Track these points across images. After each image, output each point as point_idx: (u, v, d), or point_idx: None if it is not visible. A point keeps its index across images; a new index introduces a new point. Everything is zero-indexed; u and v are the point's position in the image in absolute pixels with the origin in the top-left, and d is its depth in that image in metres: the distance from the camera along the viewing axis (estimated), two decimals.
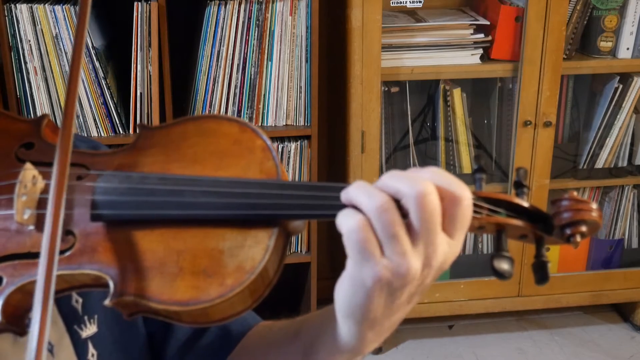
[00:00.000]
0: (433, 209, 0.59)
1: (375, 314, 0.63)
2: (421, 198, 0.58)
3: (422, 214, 0.58)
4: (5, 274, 0.65)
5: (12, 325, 0.64)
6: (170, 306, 0.62)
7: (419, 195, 0.58)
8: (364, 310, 0.63)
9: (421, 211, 0.58)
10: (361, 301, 0.62)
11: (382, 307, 0.63)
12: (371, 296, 0.61)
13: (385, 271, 0.59)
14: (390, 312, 0.64)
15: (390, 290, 0.61)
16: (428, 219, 0.59)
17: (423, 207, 0.58)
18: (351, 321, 0.65)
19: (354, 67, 2.19)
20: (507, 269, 0.62)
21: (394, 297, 0.62)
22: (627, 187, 2.57)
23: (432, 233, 0.59)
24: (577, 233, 0.64)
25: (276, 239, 0.64)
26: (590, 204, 0.65)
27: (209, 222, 0.64)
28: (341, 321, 0.66)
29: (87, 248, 0.65)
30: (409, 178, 0.59)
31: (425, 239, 0.59)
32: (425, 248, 0.60)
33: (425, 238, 0.59)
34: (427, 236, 0.59)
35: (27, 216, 0.66)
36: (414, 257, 0.59)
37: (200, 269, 0.63)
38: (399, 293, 0.62)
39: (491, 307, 2.56)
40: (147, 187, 0.67)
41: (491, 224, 0.65)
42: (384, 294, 0.61)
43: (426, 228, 0.59)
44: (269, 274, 0.64)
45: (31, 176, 0.67)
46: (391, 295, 0.62)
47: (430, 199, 0.58)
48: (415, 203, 0.58)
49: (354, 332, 0.66)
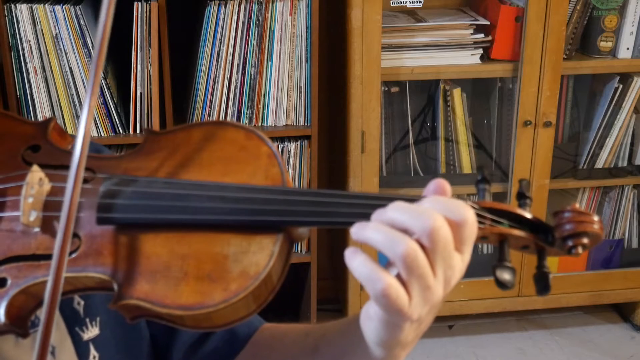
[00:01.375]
0: (446, 240, 0.60)
1: (407, 340, 0.66)
2: (433, 233, 0.59)
3: (438, 247, 0.60)
4: (10, 275, 0.65)
5: (15, 326, 0.64)
6: (174, 310, 0.62)
7: (430, 231, 0.59)
8: (397, 340, 0.65)
9: (436, 245, 0.60)
10: (393, 335, 0.64)
11: (413, 332, 0.65)
12: (403, 330, 0.64)
13: (416, 312, 0.61)
14: (419, 331, 0.66)
15: (420, 320, 0.63)
16: (444, 250, 0.60)
17: (437, 241, 0.59)
18: (384, 348, 0.67)
19: (354, 67, 2.19)
20: (509, 279, 0.63)
21: (423, 321, 0.65)
22: (627, 187, 2.57)
23: (449, 259, 0.61)
24: (578, 245, 0.65)
25: (281, 245, 0.64)
26: (592, 216, 0.66)
27: (214, 227, 0.64)
28: (373, 348, 0.68)
29: (92, 251, 0.65)
30: (417, 214, 0.60)
31: (444, 266, 0.61)
32: (444, 273, 0.61)
33: (443, 266, 0.61)
34: (444, 263, 0.61)
35: (32, 218, 0.66)
36: (438, 286, 0.61)
37: (205, 274, 0.63)
38: (426, 318, 0.64)
39: (491, 307, 2.56)
40: (153, 191, 0.67)
41: (494, 234, 0.65)
42: (415, 324, 0.64)
43: (443, 257, 0.61)
44: (273, 280, 0.64)
45: (38, 178, 0.67)
46: (421, 322, 0.64)
47: (442, 233, 0.59)
48: (430, 240, 0.59)
49: (387, 354, 0.68)
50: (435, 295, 0.61)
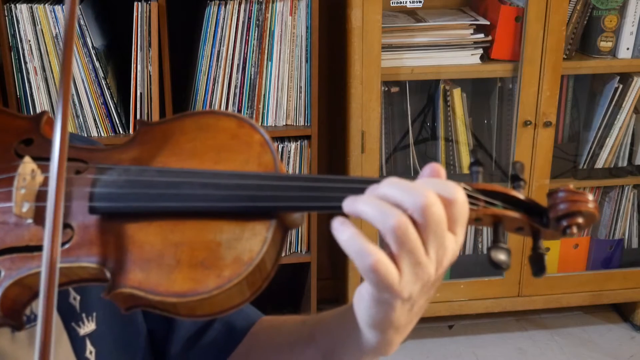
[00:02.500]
0: (439, 217, 0.59)
1: (400, 321, 0.65)
2: (427, 209, 0.59)
3: (430, 224, 0.59)
4: (4, 267, 0.65)
5: (10, 319, 0.65)
6: (168, 298, 0.62)
7: (423, 207, 0.59)
8: (388, 320, 0.64)
9: (429, 221, 0.59)
10: (385, 314, 0.63)
11: (405, 314, 0.64)
12: (395, 309, 0.63)
13: (406, 289, 0.60)
14: (412, 314, 0.65)
15: (412, 300, 0.63)
16: (436, 227, 0.59)
17: (430, 218, 0.59)
18: (377, 330, 0.66)
19: (354, 67, 2.19)
20: (504, 260, 0.62)
21: (415, 302, 0.63)
22: (627, 187, 2.57)
23: (441, 238, 0.60)
24: (573, 224, 0.64)
25: (274, 231, 0.64)
26: (586, 195, 0.65)
27: (207, 215, 0.65)
28: (366, 331, 0.67)
29: (85, 241, 0.65)
30: (410, 190, 0.60)
31: (436, 245, 0.60)
32: (436, 252, 0.61)
33: (435, 244, 0.60)
34: (437, 241, 0.60)
35: (25, 209, 0.66)
36: (430, 264, 0.61)
37: (198, 261, 0.63)
38: (419, 299, 0.63)
39: (491, 307, 2.56)
40: (145, 180, 0.67)
41: (488, 215, 0.65)
42: (407, 304, 0.63)
43: (435, 235, 0.60)
44: (267, 266, 0.64)
45: (30, 169, 0.67)
46: (413, 303, 0.63)
47: (435, 209, 0.59)
48: (423, 215, 0.59)
49: (381, 338, 0.67)
50: (426, 274, 0.60)
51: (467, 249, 2.58)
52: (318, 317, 0.83)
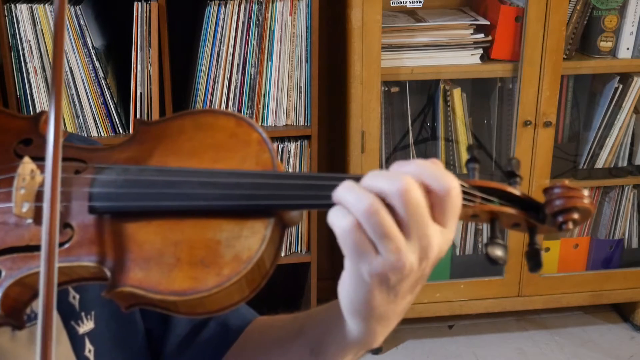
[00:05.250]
0: (417, 203, 0.59)
1: (380, 309, 0.64)
2: (403, 194, 0.58)
3: (408, 210, 0.59)
4: (4, 267, 0.65)
5: (11, 318, 0.65)
6: (168, 296, 0.62)
7: (401, 192, 0.58)
8: (368, 306, 0.64)
9: (406, 207, 0.59)
10: (363, 297, 0.63)
11: (385, 302, 0.63)
12: (372, 291, 0.62)
13: (382, 267, 0.60)
14: (395, 305, 0.65)
15: (390, 285, 0.62)
16: (415, 214, 0.59)
17: (407, 203, 0.58)
18: (358, 318, 0.66)
19: (354, 67, 2.19)
20: (501, 255, 0.63)
21: (395, 290, 0.63)
22: (627, 187, 2.57)
23: (422, 226, 0.60)
24: (569, 220, 0.65)
25: (272, 229, 0.64)
26: (581, 191, 0.66)
27: (206, 213, 0.65)
28: (349, 319, 0.67)
29: (85, 240, 0.66)
30: (389, 176, 0.59)
31: (417, 233, 0.60)
32: (419, 241, 0.60)
33: (416, 232, 0.60)
34: (418, 229, 0.59)
35: (25, 209, 0.66)
36: (409, 252, 0.60)
37: (198, 260, 0.63)
38: (399, 287, 0.62)
39: (491, 307, 2.56)
40: (144, 179, 0.67)
41: (484, 212, 0.65)
42: (385, 289, 0.62)
43: (415, 222, 0.59)
44: (266, 264, 0.65)
45: (29, 170, 0.67)
46: (392, 289, 0.62)
47: (412, 195, 0.58)
48: (399, 200, 0.58)
49: (363, 327, 0.67)
50: (408, 264, 0.60)
51: (467, 249, 2.58)
52: (308, 312, 0.84)
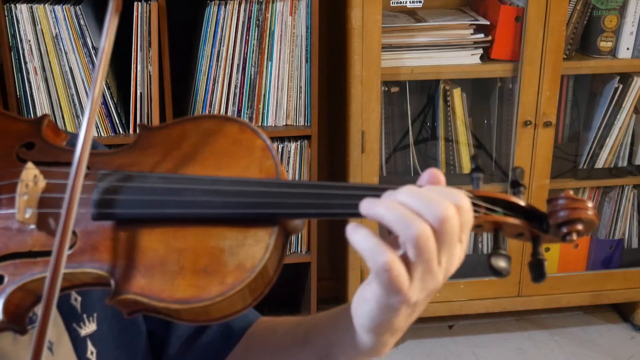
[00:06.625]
0: (455, 229, 0.60)
1: (399, 326, 0.65)
2: (447, 221, 0.59)
3: (447, 236, 0.60)
4: (7, 272, 0.65)
5: (13, 323, 0.65)
6: (171, 304, 0.62)
7: (444, 219, 0.59)
8: (389, 324, 0.64)
9: (446, 234, 0.60)
10: (387, 318, 0.64)
11: (406, 318, 0.65)
12: (398, 314, 0.63)
13: (417, 297, 0.61)
14: (411, 318, 0.66)
15: (416, 305, 0.63)
16: (451, 239, 0.60)
17: (448, 230, 0.59)
18: (373, 334, 0.67)
19: (354, 67, 2.19)
20: (504, 267, 0.63)
21: (417, 307, 0.64)
22: (627, 187, 2.57)
23: (453, 248, 0.61)
24: (573, 231, 0.65)
25: (276, 237, 0.64)
26: (586, 202, 0.66)
27: (210, 221, 0.65)
28: (362, 334, 0.68)
29: (88, 247, 0.65)
30: (430, 201, 0.60)
31: (448, 255, 0.61)
32: (447, 262, 0.62)
33: (447, 254, 0.61)
34: (449, 252, 0.61)
35: (28, 215, 0.66)
36: (439, 273, 0.61)
37: (201, 268, 0.63)
38: (421, 304, 0.64)
39: (491, 307, 2.56)
40: (147, 186, 0.67)
41: (489, 222, 0.65)
42: (410, 310, 0.63)
43: (449, 246, 0.60)
44: (269, 272, 0.64)
45: (32, 175, 0.67)
46: (415, 306, 0.64)
47: (453, 222, 0.59)
48: (441, 227, 0.59)
49: (377, 340, 0.68)
50: (435, 282, 0.61)
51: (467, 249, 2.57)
52: (313, 320, 0.83)
